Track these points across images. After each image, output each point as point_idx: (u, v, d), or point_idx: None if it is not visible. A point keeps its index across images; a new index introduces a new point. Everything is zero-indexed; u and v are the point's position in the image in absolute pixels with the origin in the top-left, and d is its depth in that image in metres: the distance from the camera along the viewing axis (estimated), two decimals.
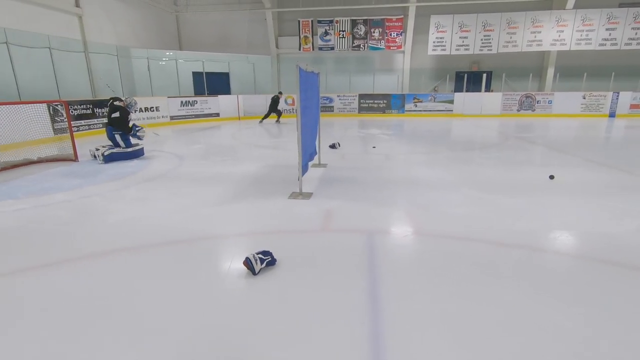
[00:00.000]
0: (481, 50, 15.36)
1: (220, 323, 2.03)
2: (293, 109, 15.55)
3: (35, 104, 7.04)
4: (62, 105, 8.69)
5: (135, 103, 7.10)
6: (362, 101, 15.84)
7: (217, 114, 14.45)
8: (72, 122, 7.79)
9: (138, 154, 6.98)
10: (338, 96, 15.91)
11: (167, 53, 14.91)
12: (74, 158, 6.74)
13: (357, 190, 4.69)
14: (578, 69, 15.28)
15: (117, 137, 6.81)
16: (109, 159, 6.59)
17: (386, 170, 5.83)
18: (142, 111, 12.28)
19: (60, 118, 8.81)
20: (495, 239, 3.12)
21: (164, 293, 2.35)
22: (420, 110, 15.62)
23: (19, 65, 9.08)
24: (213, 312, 2.13)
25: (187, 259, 2.85)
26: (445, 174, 5.47)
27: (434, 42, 15.47)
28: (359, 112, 15.89)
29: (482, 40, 15.24)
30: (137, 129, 7.03)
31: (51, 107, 8.71)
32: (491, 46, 15.24)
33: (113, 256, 2.90)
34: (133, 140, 7.04)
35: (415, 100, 15.63)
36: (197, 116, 13.90)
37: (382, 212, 3.85)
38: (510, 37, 15.06)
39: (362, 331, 1.95)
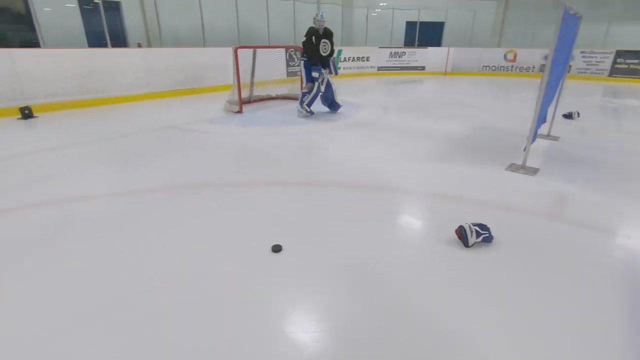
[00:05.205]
0: None
1: (417, 290, 1.95)
2: (512, 67, 13.24)
3: (278, 49, 8.45)
4: (295, 51, 10.17)
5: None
6: (619, 60, 11.81)
7: (423, 67, 13.86)
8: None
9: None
10: (582, 53, 12.34)
11: (381, 4, 14.90)
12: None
13: (602, 175, 3.58)
14: None
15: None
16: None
17: None
18: (353, 60, 13.03)
19: (293, 63, 10.37)
20: None
21: (361, 234, 2.44)
22: None
23: (271, 17, 11.02)
24: (412, 276, 2.07)
25: (394, 210, 2.87)
26: None
27: None
28: (609, 75, 12.00)
29: None
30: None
31: (288, 53, 10.32)
32: None
33: (324, 187, 3.23)
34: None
35: None
36: (402, 68, 13.73)
37: None
38: None
39: None
